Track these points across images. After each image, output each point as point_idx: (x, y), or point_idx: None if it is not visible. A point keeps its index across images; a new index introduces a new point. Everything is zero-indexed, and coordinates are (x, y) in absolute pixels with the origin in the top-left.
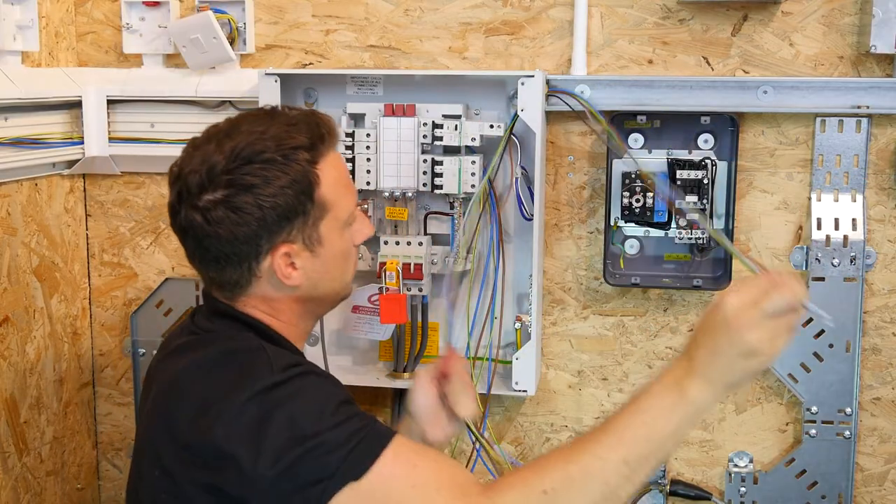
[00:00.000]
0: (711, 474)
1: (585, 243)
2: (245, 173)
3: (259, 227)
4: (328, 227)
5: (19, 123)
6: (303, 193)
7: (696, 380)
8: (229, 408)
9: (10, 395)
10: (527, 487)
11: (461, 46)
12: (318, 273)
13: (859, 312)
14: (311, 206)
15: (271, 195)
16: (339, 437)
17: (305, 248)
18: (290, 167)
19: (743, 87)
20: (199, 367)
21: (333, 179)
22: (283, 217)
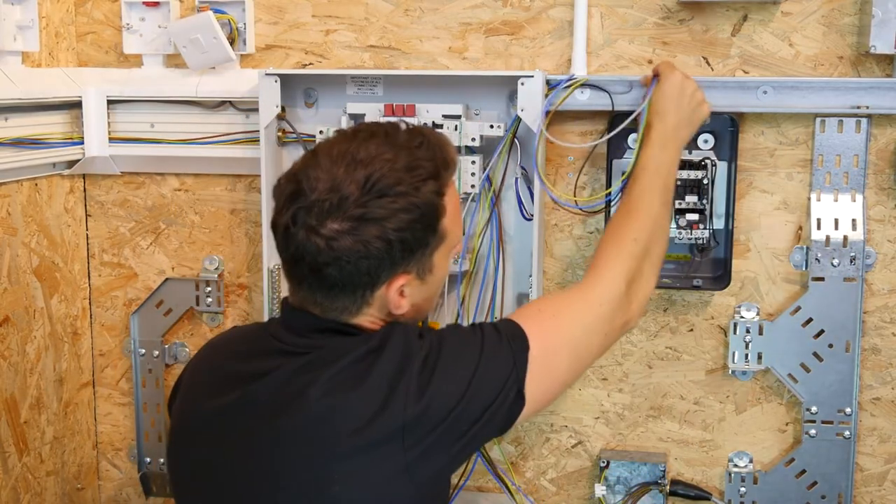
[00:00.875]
0: (711, 474)
1: (585, 243)
2: (378, 207)
3: (381, 260)
4: (440, 255)
5: (19, 123)
6: (429, 226)
7: (680, 131)
8: (409, 386)
9: (10, 395)
10: (619, 247)
11: (461, 46)
12: (422, 299)
13: (859, 312)
14: (434, 238)
15: (398, 229)
16: (491, 342)
17: (418, 277)
18: (419, 199)
19: (743, 88)
20: (345, 377)
21: (453, 209)
22: (407, 250)
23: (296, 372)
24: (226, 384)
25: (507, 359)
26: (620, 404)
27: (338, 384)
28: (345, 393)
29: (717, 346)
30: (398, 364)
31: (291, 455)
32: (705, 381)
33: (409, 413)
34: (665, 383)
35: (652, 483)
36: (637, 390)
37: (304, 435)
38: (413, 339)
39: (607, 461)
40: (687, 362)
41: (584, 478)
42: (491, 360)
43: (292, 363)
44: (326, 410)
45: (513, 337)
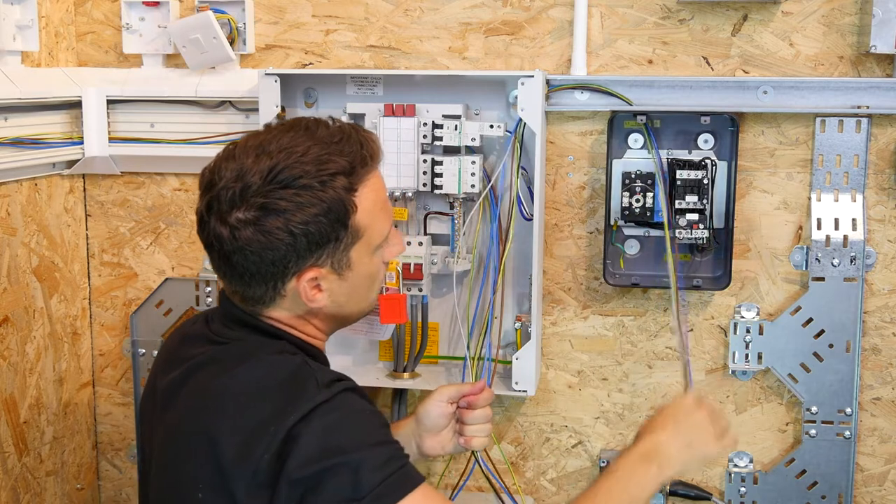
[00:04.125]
0: (711, 474)
1: (585, 243)
2: (279, 198)
3: (287, 252)
4: (359, 251)
5: (19, 123)
6: (337, 221)
7: (671, 458)
8: (280, 432)
9: (10, 395)
10: None
11: (461, 46)
12: (343, 296)
13: (859, 312)
14: (345, 233)
15: (303, 222)
16: (377, 460)
17: (333, 271)
18: (326, 194)
19: (743, 87)
20: (243, 388)
21: (371, 204)
22: (313, 244)
23: (204, 365)
24: (172, 365)
25: (367, 483)
26: (620, 404)
27: (216, 408)
28: (219, 418)
29: (717, 346)
30: (277, 409)
31: (169, 449)
32: (705, 381)
33: (264, 462)
34: (665, 383)
35: None
36: (637, 390)
37: (178, 436)
38: (312, 385)
39: (607, 461)
40: None
41: (584, 478)
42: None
43: (210, 353)
44: (200, 427)
45: (396, 481)
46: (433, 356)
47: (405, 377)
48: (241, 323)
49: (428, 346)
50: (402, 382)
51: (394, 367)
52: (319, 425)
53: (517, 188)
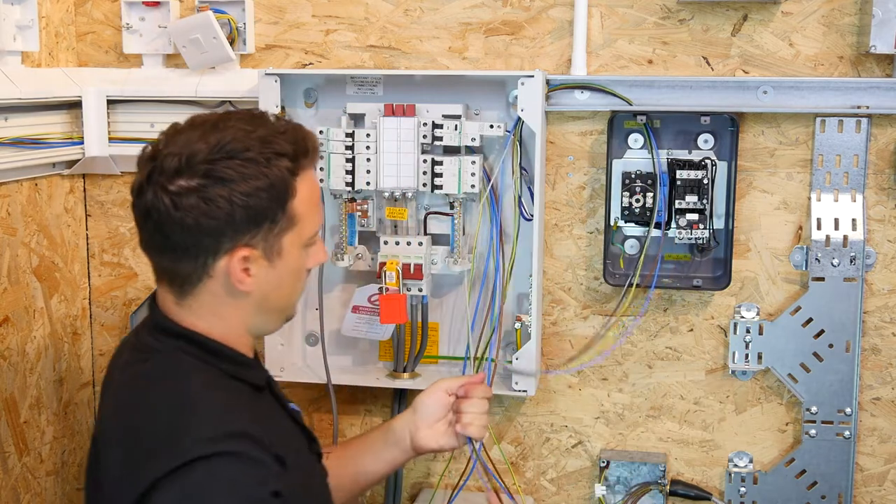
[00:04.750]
0: (711, 474)
1: (585, 243)
2: (225, 167)
3: (225, 223)
4: (291, 241)
5: (19, 123)
6: (276, 200)
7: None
8: (143, 482)
9: (10, 395)
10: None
11: (461, 46)
12: (270, 285)
13: (859, 312)
14: (282, 216)
15: (245, 194)
16: None
17: (264, 256)
18: (271, 171)
19: (743, 87)
20: (131, 421)
21: (307, 196)
22: (251, 219)
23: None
24: (109, 368)
25: None
26: (620, 404)
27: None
28: (110, 446)
29: (717, 346)
30: (149, 452)
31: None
32: (705, 381)
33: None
34: (665, 383)
35: (652, 483)
36: (637, 390)
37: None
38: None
39: (607, 461)
40: (687, 362)
41: (584, 478)
42: None
43: (126, 367)
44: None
45: None
46: (433, 356)
47: (405, 377)
48: (162, 330)
49: (428, 346)
50: (402, 382)
51: (394, 367)
52: (180, 489)
53: (519, 188)
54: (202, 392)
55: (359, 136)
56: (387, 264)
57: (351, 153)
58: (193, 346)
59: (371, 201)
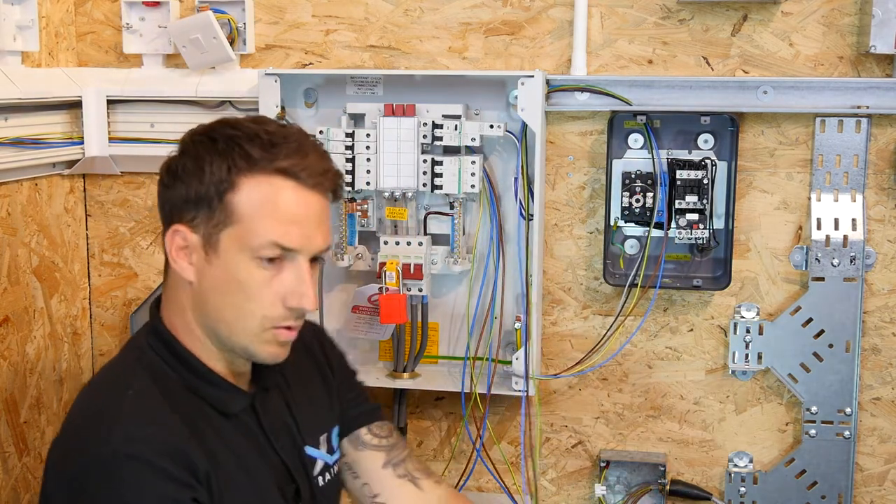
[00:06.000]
0: (711, 474)
1: (585, 243)
2: (192, 141)
3: (175, 197)
4: (229, 239)
5: (19, 123)
6: (213, 187)
7: None
8: (54, 463)
9: (10, 395)
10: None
11: (461, 46)
12: (209, 283)
13: (859, 312)
14: (218, 205)
15: (193, 171)
16: None
17: (202, 245)
18: (219, 156)
19: (743, 87)
20: (67, 420)
21: (261, 201)
22: (191, 198)
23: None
24: None
25: None
26: (620, 404)
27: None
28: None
29: (717, 346)
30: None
31: None
32: (705, 381)
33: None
34: (665, 383)
35: (652, 483)
36: (637, 390)
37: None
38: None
39: (607, 461)
40: (687, 362)
41: (584, 478)
42: None
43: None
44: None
45: None
46: (433, 356)
47: (405, 377)
48: (150, 319)
49: (428, 346)
50: (402, 382)
51: (394, 367)
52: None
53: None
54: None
55: (359, 136)
56: (387, 264)
57: (351, 153)
58: (166, 348)
59: (371, 201)
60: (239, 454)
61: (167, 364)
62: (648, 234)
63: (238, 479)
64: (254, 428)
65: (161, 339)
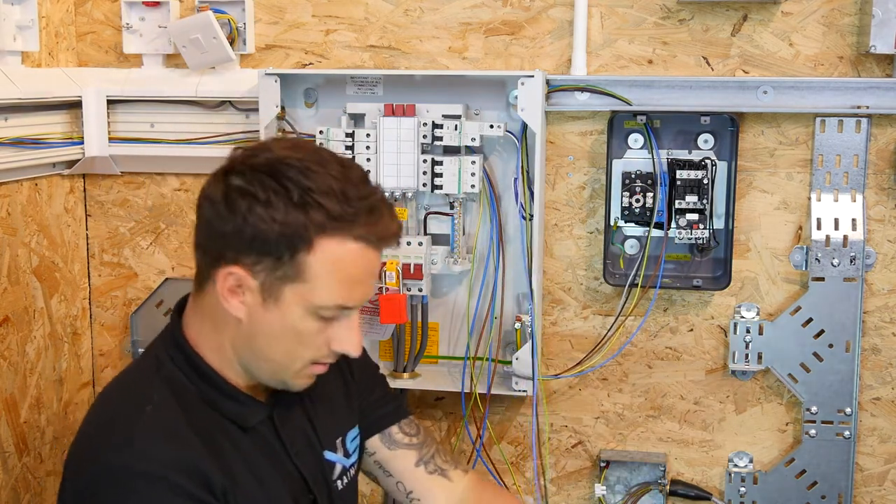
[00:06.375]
0: (711, 474)
1: (585, 243)
2: (260, 183)
3: (234, 235)
4: (294, 295)
5: (19, 123)
6: (286, 243)
7: None
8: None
9: (10, 395)
10: None
11: (461, 46)
12: (260, 326)
13: (859, 312)
14: (288, 260)
15: (259, 217)
16: None
17: (260, 292)
18: (295, 212)
19: (743, 87)
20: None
21: (335, 266)
22: (255, 245)
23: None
24: None
25: None
26: (620, 404)
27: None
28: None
29: (717, 346)
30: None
31: None
32: (705, 381)
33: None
34: (665, 383)
35: (652, 483)
36: (637, 390)
37: None
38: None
39: (607, 461)
40: (687, 362)
41: (584, 478)
42: None
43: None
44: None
45: None
46: (433, 356)
47: (405, 377)
48: (168, 329)
49: (428, 346)
50: (403, 382)
51: (394, 366)
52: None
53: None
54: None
55: (359, 136)
56: (387, 264)
57: (351, 153)
58: (186, 362)
59: None
60: (256, 468)
61: (186, 377)
62: (648, 234)
63: (254, 493)
64: (271, 440)
65: (182, 352)
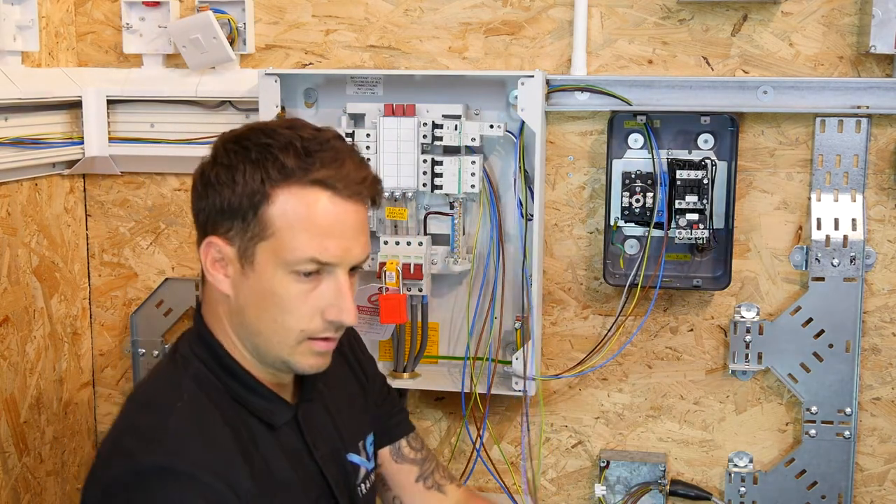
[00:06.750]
0: (711, 474)
1: (585, 243)
2: (226, 150)
3: (209, 207)
4: (265, 253)
5: (19, 123)
6: (247, 199)
7: None
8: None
9: (10, 395)
10: None
11: (461, 46)
12: (245, 296)
13: (859, 312)
14: (253, 219)
15: (224, 184)
16: None
17: (238, 258)
18: (253, 167)
19: (743, 87)
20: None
21: (294, 213)
22: (225, 209)
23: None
24: None
25: None
26: (620, 404)
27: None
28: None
29: (717, 346)
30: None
31: None
32: (705, 381)
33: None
34: (665, 383)
35: (652, 483)
36: (637, 390)
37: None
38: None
39: (607, 461)
40: (687, 362)
41: (584, 478)
42: None
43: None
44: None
45: None
46: (433, 356)
47: (405, 377)
48: (195, 325)
49: (428, 346)
50: (403, 382)
51: (394, 366)
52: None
53: (524, 188)
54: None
55: (359, 136)
56: (387, 264)
57: None
58: (212, 358)
59: None
60: (281, 469)
61: (213, 374)
62: (648, 234)
63: (279, 494)
64: (296, 441)
65: (208, 348)
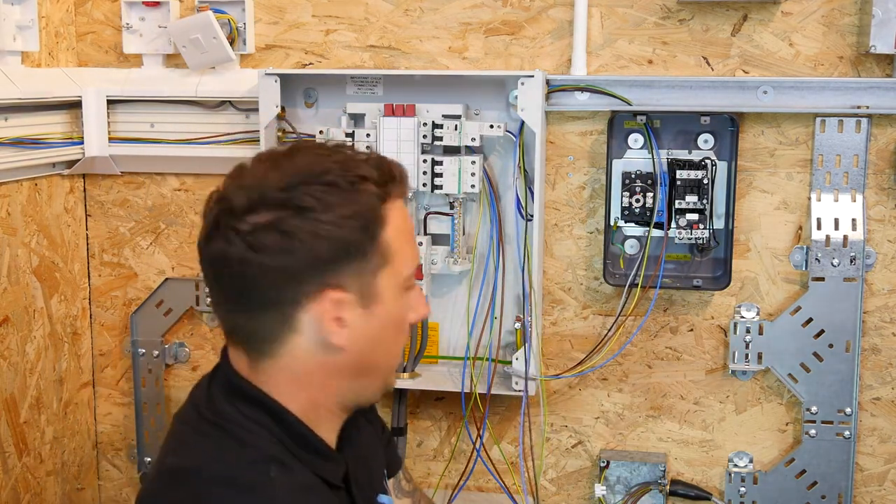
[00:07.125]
0: (711, 474)
1: (585, 243)
2: (304, 194)
3: (309, 261)
4: (387, 281)
5: (19, 123)
6: (365, 230)
7: None
8: None
9: (10, 395)
10: None
11: (461, 46)
12: (368, 338)
13: (859, 312)
14: (373, 249)
15: (329, 223)
16: None
17: (359, 301)
18: (356, 196)
19: (743, 87)
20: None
21: (400, 227)
22: (339, 253)
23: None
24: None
25: None
26: (620, 404)
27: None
28: None
29: (717, 346)
30: None
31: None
32: (705, 381)
33: None
34: (665, 383)
35: (652, 483)
36: (637, 390)
37: None
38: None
39: (607, 461)
40: (687, 362)
41: (584, 478)
42: None
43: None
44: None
45: None
46: (433, 356)
47: (405, 377)
48: (238, 393)
49: (428, 346)
50: (402, 382)
51: None
52: None
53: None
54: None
55: (359, 136)
56: None
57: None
58: (279, 426)
59: None
60: None
61: (286, 448)
62: (648, 234)
63: None
64: (344, 497)
65: (270, 412)
